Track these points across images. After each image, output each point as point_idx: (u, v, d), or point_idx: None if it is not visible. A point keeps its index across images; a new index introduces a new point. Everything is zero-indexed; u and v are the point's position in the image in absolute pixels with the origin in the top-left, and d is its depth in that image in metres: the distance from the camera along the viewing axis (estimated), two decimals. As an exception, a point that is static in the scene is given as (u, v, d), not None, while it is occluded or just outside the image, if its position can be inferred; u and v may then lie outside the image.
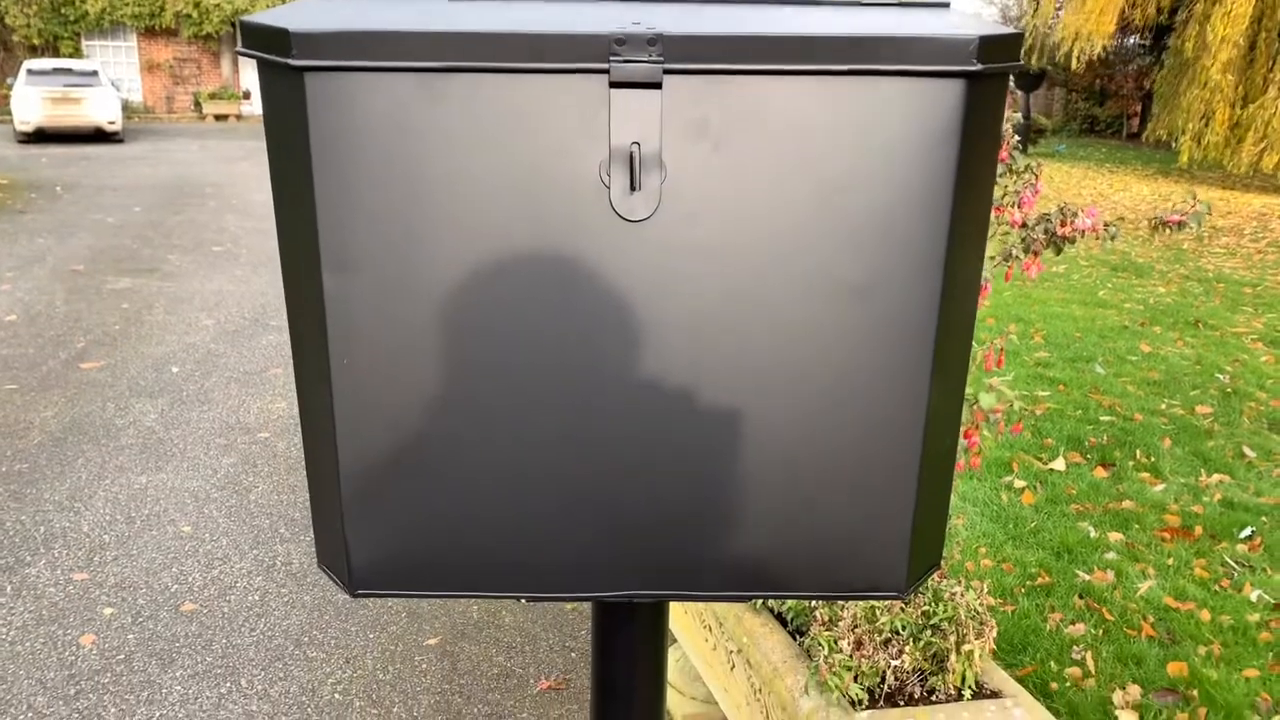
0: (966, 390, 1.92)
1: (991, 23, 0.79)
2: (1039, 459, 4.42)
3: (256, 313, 6.83)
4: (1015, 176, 2.10)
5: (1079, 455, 4.48)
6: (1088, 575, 3.40)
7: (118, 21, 24.95)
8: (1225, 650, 2.98)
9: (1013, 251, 2.13)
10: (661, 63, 0.71)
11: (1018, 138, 2.12)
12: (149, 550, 3.56)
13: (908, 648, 1.94)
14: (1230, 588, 3.36)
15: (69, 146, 17.75)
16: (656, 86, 0.72)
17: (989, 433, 2.20)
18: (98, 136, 18.64)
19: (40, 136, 18.24)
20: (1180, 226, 2.22)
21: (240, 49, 0.78)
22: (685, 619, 2.53)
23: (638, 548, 0.82)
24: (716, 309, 0.76)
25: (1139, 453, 4.50)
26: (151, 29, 25.28)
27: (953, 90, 0.72)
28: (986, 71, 0.73)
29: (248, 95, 25.90)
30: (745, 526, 0.82)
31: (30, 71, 18.87)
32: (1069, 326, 6.70)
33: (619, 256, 0.75)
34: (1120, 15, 15.09)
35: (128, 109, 23.51)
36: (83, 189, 12.45)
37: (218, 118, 25.37)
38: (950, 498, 0.90)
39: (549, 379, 0.78)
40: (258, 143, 18.99)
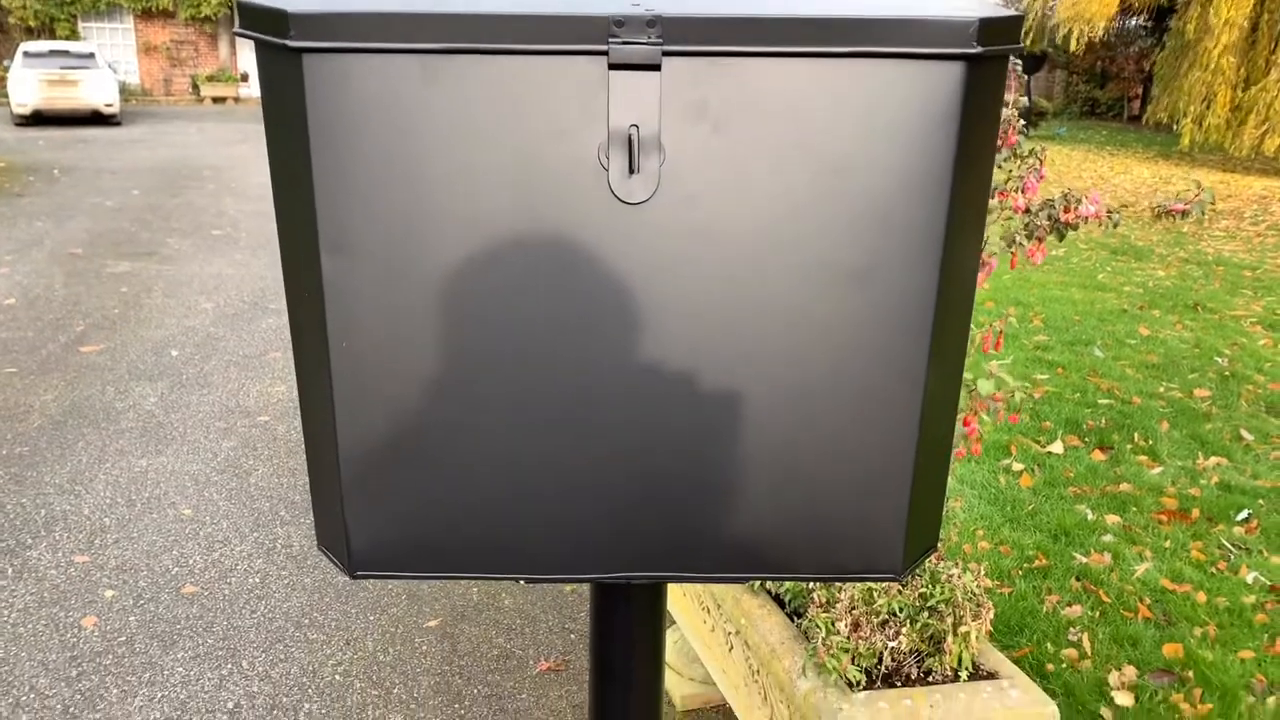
0: (966, 375, 1.92)
1: (991, 4, 0.78)
2: (1037, 442, 4.43)
3: (256, 296, 6.82)
4: (1020, 161, 2.09)
5: (1077, 438, 4.49)
6: (1085, 557, 3.42)
7: (114, 3, 24.79)
8: (1221, 632, 3.00)
9: (1016, 237, 2.13)
10: (660, 44, 0.71)
11: (1023, 122, 2.10)
12: (150, 533, 3.57)
13: (905, 629, 1.95)
14: (1226, 570, 3.37)
15: (66, 129, 17.68)
16: (655, 68, 0.71)
17: (988, 418, 2.20)
18: (95, 119, 18.55)
19: (37, 119, 18.15)
20: (1184, 215, 2.22)
21: (238, 30, 0.78)
22: (684, 601, 2.54)
23: (635, 529, 0.83)
24: (714, 292, 0.76)
25: (1137, 436, 4.51)
26: (148, 11, 25.12)
27: (952, 73, 0.72)
28: (986, 54, 0.72)
29: (246, 78, 25.76)
30: (742, 508, 0.82)
31: (26, 54, 18.77)
32: (1068, 310, 6.70)
33: (617, 239, 0.75)
34: (1121, -4, 15.02)
35: (125, 91, 23.39)
36: (80, 172, 12.40)
37: (215, 100, 25.25)
38: (947, 480, 0.91)
39: (547, 361, 0.78)
40: (256, 125, 18.91)
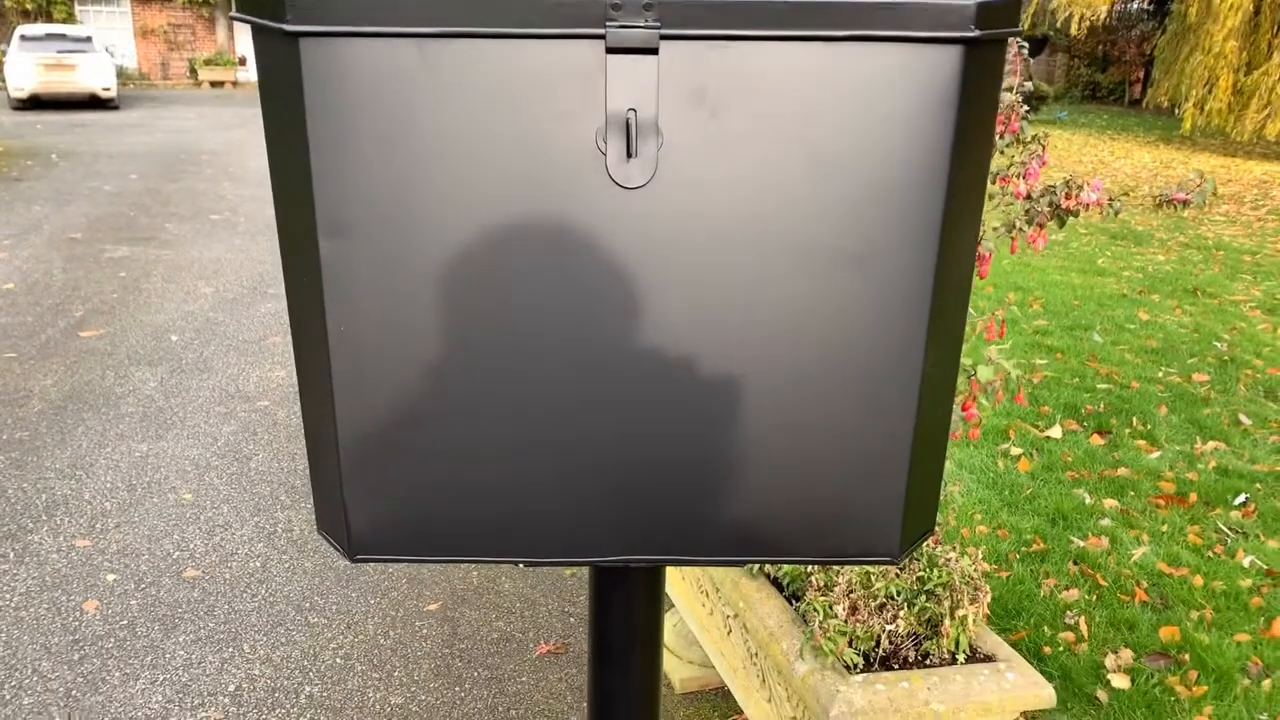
0: (965, 361, 1.92)
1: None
2: (1036, 426, 4.44)
3: (255, 281, 6.81)
4: (1022, 147, 2.08)
5: (1076, 423, 4.49)
6: (1082, 542, 3.43)
7: (111, -14, 24.68)
8: (1217, 615, 3.01)
9: (1017, 223, 2.12)
10: (658, 28, 0.70)
11: (1026, 107, 2.09)
12: (150, 517, 3.58)
13: (902, 613, 1.96)
14: (1223, 554, 3.39)
15: (64, 113, 17.61)
16: (653, 52, 0.71)
17: (987, 402, 2.20)
18: (93, 103, 18.48)
19: (35, 103, 18.09)
20: (1185, 205, 2.21)
21: (235, 14, 0.78)
22: (682, 585, 2.55)
23: (634, 513, 0.83)
24: (712, 276, 0.76)
25: (1135, 420, 4.52)
26: (145, -7, 25.03)
27: (950, 57, 0.72)
28: (985, 38, 0.72)
29: (244, 61, 25.64)
30: (740, 492, 0.83)
31: (23, 37, 18.68)
32: (1067, 294, 6.70)
33: (615, 223, 0.75)
34: (1124, -21, 14.94)
35: (122, 76, 23.29)
36: (79, 156, 12.37)
37: (213, 84, 25.15)
38: (944, 464, 0.91)
39: (545, 345, 0.78)
40: (254, 109, 18.82)
